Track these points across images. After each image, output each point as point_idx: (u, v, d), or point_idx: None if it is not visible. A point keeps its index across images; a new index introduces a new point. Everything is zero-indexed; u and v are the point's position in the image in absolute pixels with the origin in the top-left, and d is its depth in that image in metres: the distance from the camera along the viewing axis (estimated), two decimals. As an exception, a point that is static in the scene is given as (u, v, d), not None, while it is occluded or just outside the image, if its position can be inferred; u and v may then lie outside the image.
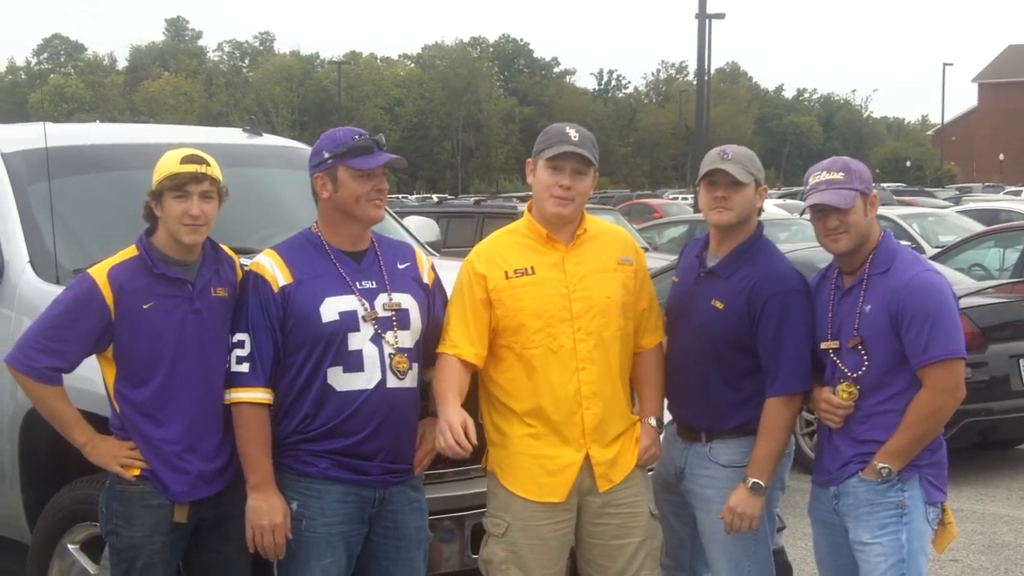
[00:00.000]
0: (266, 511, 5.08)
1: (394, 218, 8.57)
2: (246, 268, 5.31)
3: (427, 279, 5.48)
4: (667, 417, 5.75)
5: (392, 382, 5.19)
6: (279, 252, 5.30)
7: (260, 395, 5.15)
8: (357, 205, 5.22)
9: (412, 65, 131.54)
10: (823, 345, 5.33)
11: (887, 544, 5.19)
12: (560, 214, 5.34)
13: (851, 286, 5.31)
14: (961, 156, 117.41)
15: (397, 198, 54.81)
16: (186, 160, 5.12)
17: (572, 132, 5.35)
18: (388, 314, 5.22)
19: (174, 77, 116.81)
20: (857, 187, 5.25)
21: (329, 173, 5.23)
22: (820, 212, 5.28)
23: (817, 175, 5.34)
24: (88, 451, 5.18)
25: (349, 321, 5.15)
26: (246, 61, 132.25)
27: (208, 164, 5.15)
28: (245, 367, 5.17)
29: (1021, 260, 15.46)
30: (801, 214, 5.84)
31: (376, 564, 5.32)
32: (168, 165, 5.13)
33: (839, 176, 5.27)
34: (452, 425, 5.04)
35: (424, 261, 5.55)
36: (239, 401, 5.15)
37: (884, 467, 5.16)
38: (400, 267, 5.40)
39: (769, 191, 5.59)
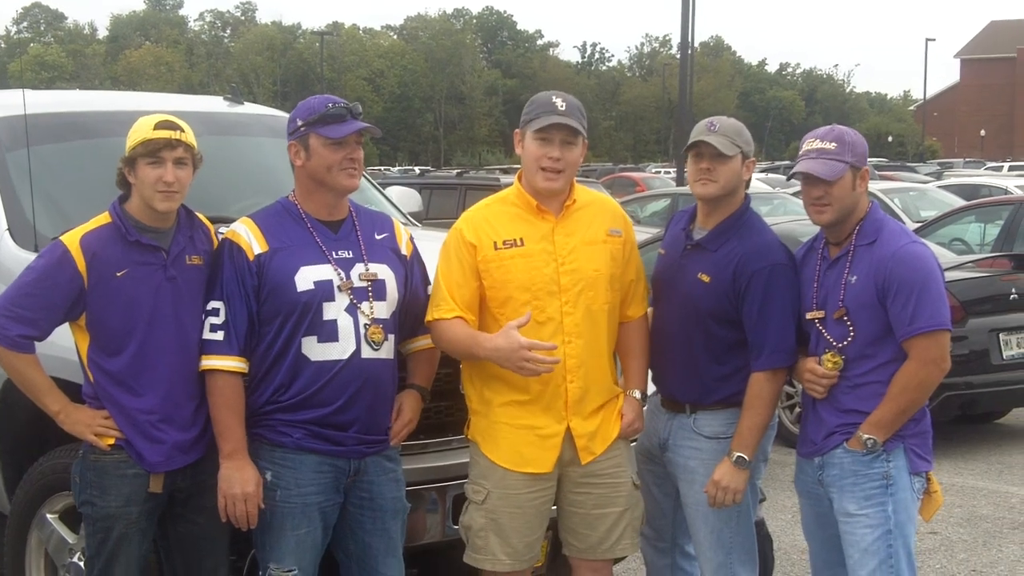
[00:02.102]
0: (238, 480, 5.06)
1: (376, 188, 8.55)
2: (222, 236, 5.27)
3: (405, 250, 5.45)
4: (651, 388, 5.74)
5: (367, 352, 5.16)
6: (255, 220, 5.26)
7: (234, 363, 5.12)
8: (329, 174, 5.18)
9: (395, 36, 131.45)
10: (808, 315, 5.31)
11: (873, 516, 5.18)
12: (551, 189, 5.31)
13: (837, 257, 5.28)
14: (943, 131, 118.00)
15: (379, 170, 54.72)
16: (160, 126, 5.05)
17: (559, 101, 5.30)
18: (364, 284, 5.19)
19: (155, 47, 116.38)
20: (848, 159, 5.21)
21: (302, 141, 5.20)
22: (807, 181, 5.26)
23: (811, 142, 5.31)
24: (62, 419, 5.12)
25: (324, 290, 5.12)
26: (227, 31, 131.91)
27: (182, 130, 5.09)
28: (219, 335, 5.13)
29: (1002, 235, 15.50)
30: (788, 179, 5.83)
31: (352, 534, 5.31)
32: (141, 131, 5.06)
33: (831, 146, 5.23)
34: (524, 346, 5.01)
35: (402, 232, 5.51)
36: (213, 369, 5.12)
37: (869, 438, 5.15)
38: (378, 237, 5.36)
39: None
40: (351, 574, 5.39)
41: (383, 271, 5.26)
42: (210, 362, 5.12)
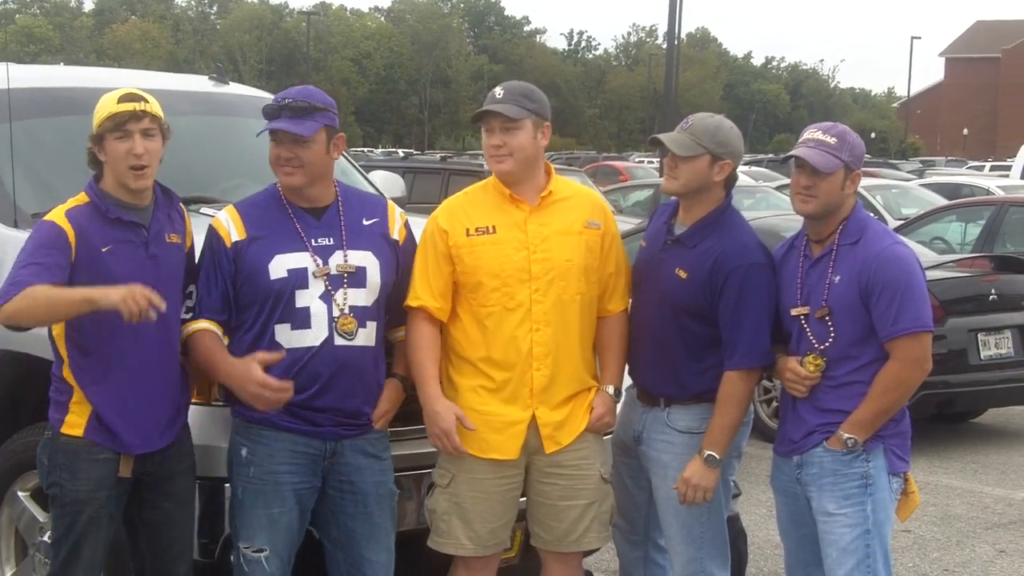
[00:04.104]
0: (239, 375, 5.09)
1: (360, 172, 8.52)
2: (201, 215, 5.26)
3: (397, 236, 5.44)
4: (628, 381, 5.74)
5: (340, 340, 5.17)
6: (238, 208, 5.31)
7: (203, 324, 5.18)
8: (274, 168, 5.24)
9: (382, 18, 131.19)
10: (793, 312, 5.30)
11: (853, 515, 5.19)
12: (501, 171, 5.34)
13: (820, 256, 5.28)
14: (925, 129, 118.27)
15: (362, 151, 54.64)
16: (124, 99, 5.02)
17: (499, 91, 5.36)
18: (341, 273, 5.20)
19: (141, 21, 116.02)
20: (844, 158, 5.20)
21: None
22: (799, 167, 5.25)
23: (812, 132, 5.31)
24: (96, 298, 4.74)
25: (297, 278, 5.14)
26: (214, 8, 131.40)
27: (147, 101, 5.05)
28: (191, 315, 5.23)
29: (982, 235, 15.56)
30: (781, 161, 5.84)
31: (335, 519, 5.32)
32: (106, 106, 5.02)
33: (831, 140, 5.22)
34: (448, 432, 5.23)
35: (396, 217, 5.50)
36: (192, 331, 5.17)
37: (850, 438, 5.15)
38: (366, 223, 5.36)
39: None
40: (336, 562, 5.40)
41: (366, 258, 5.26)
42: (188, 328, 5.18)
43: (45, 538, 5.76)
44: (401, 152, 55.28)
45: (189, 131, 5.26)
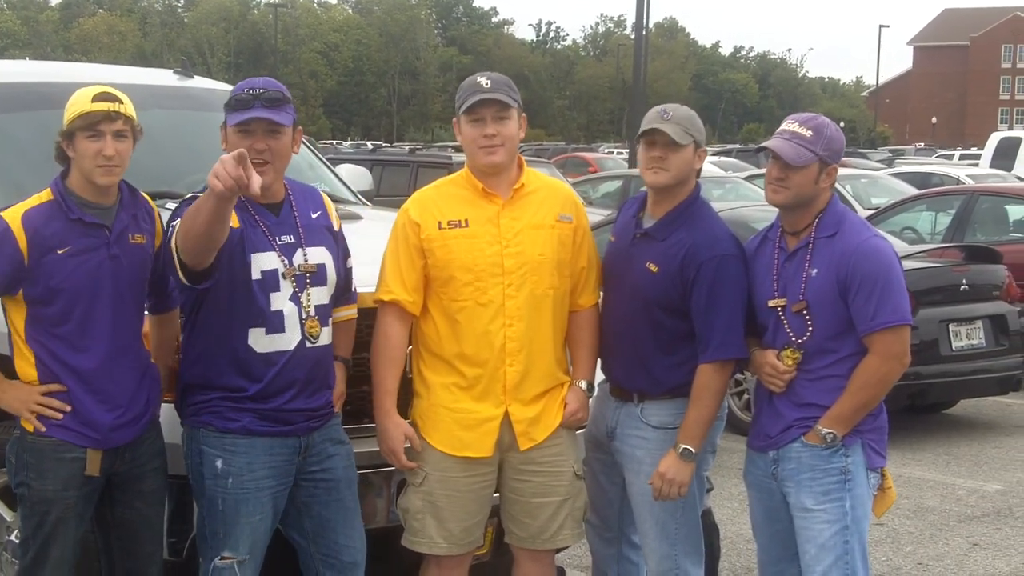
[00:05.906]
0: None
1: (326, 166, 8.46)
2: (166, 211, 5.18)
3: (336, 225, 5.36)
4: (600, 376, 5.70)
5: (308, 343, 5.10)
6: None
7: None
8: None
9: (350, 10, 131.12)
10: (770, 303, 5.26)
11: (832, 511, 5.16)
12: (493, 162, 5.27)
13: (796, 248, 5.24)
14: (894, 118, 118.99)
15: (331, 144, 54.55)
16: (98, 98, 4.94)
17: (484, 80, 5.28)
18: (304, 272, 5.10)
19: (109, 15, 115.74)
20: (818, 151, 5.16)
21: (224, 125, 5.14)
22: (773, 158, 5.21)
23: (789, 123, 5.28)
24: None
25: (270, 280, 5.03)
26: (181, 1, 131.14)
27: (121, 101, 4.98)
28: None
29: (953, 224, 15.58)
30: (756, 152, 5.82)
31: (308, 510, 5.25)
32: (79, 104, 4.95)
33: (807, 133, 5.18)
34: (396, 452, 5.28)
35: (331, 206, 5.42)
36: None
37: (829, 432, 5.12)
38: (314, 216, 5.26)
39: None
40: (309, 554, 5.32)
41: (322, 254, 5.18)
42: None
43: (12, 537, 5.73)
44: (370, 144, 55.15)
45: (153, 125, 5.16)
